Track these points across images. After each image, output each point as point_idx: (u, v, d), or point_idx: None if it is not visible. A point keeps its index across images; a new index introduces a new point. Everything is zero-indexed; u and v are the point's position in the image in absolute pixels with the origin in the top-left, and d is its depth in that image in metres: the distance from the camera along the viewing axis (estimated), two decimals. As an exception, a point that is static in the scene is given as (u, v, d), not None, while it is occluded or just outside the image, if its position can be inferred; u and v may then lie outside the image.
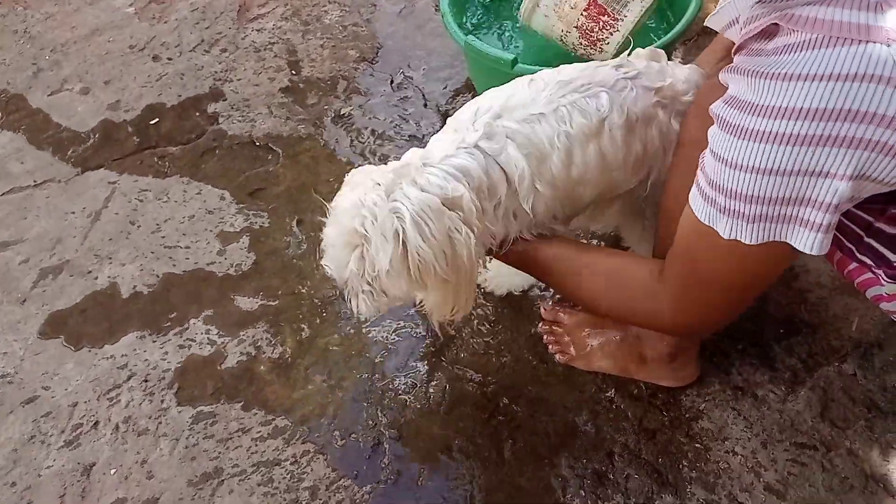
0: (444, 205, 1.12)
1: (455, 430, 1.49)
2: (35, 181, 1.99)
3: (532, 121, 1.18)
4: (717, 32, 1.21)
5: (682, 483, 1.40)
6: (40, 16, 2.46)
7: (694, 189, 0.97)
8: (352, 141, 2.02)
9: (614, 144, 1.20)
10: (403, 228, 1.09)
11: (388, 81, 2.18)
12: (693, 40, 2.21)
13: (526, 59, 1.77)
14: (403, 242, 1.10)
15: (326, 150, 2.02)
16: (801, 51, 0.81)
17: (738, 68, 0.91)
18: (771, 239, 0.89)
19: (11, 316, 1.71)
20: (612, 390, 1.53)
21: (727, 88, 0.94)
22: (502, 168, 1.17)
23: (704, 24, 1.15)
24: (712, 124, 1.08)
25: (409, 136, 2.02)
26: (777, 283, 1.59)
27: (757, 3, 0.91)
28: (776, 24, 0.86)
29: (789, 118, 0.80)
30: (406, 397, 1.54)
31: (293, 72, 2.23)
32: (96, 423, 1.53)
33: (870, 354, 1.52)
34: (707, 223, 0.94)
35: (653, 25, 2.03)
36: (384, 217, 1.09)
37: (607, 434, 1.48)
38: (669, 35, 1.76)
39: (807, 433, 1.44)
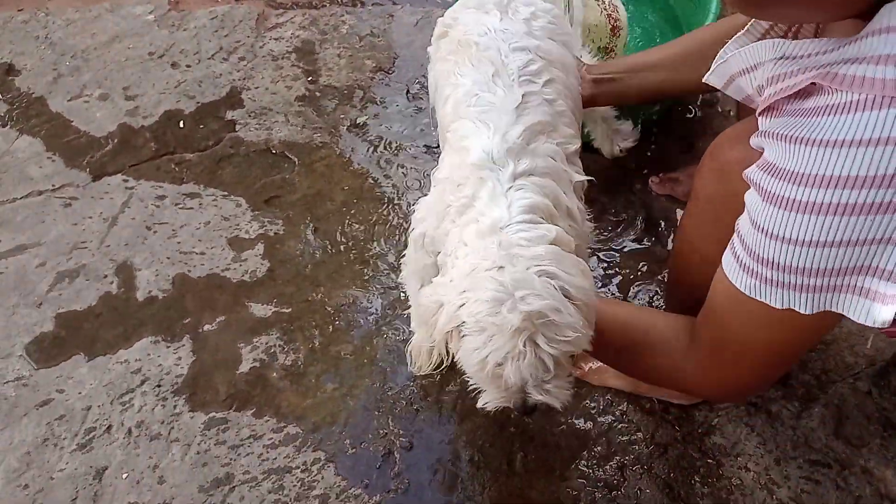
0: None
1: (466, 441, 1.49)
2: (53, 185, 2.01)
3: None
4: None
5: (694, 498, 1.39)
6: (61, 22, 2.49)
7: (730, 257, 0.91)
8: (367, 150, 2.03)
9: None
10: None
11: (405, 91, 2.19)
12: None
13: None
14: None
15: (342, 158, 2.03)
16: (846, 113, 0.74)
17: (773, 133, 0.84)
18: (827, 309, 0.82)
19: (28, 319, 1.72)
20: (625, 404, 1.52)
21: (746, 142, 0.91)
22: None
23: (703, 80, 1.04)
24: (729, 180, 1.05)
25: (425, 146, 2.02)
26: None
27: (782, 59, 0.84)
28: (814, 83, 0.79)
29: (842, 187, 0.73)
30: (417, 407, 1.54)
31: (310, 80, 2.25)
32: (109, 427, 1.54)
33: (885, 372, 1.51)
34: (751, 295, 0.87)
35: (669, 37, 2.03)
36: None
37: (619, 448, 1.47)
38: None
39: (821, 450, 1.43)
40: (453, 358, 1.14)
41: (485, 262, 0.99)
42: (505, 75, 1.18)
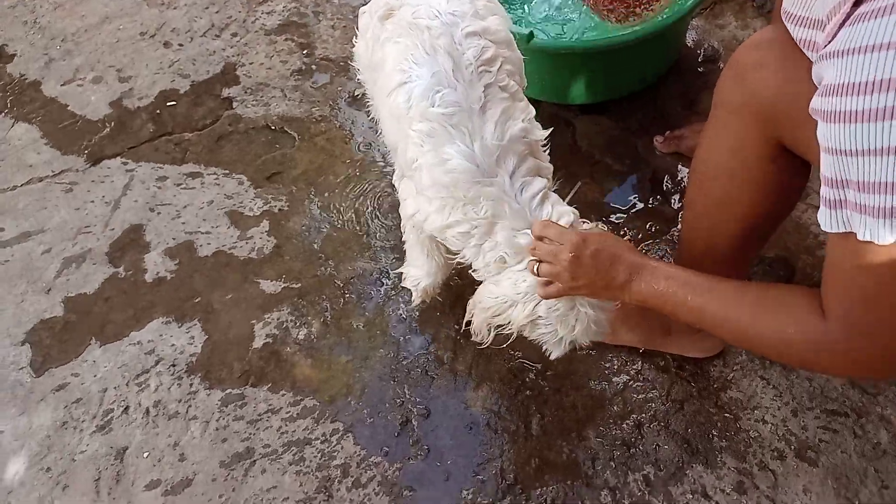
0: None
1: (482, 406, 1.50)
2: (53, 171, 1.99)
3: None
4: None
5: (713, 452, 1.40)
6: (49, 6, 2.45)
7: (822, 208, 0.85)
8: (367, 122, 2.01)
9: None
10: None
11: (401, 61, 2.16)
12: (710, 8, 2.18)
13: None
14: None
15: (342, 131, 2.01)
16: (882, 16, 0.74)
17: (828, 52, 0.82)
18: None
19: (37, 305, 1.72)
20: (640, 363, 1.53)
21: (763, 47, 0.90)
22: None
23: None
24: (745, 82, 1.06)
25: (425, 114, 2.00)
26: (805, 250, 1.58)
27: None
28: None
29: (877, 91, 0.73)
30: (432, 375, 1.55)
31: (305, 54, 2.22)
32: (127, 408, 1.54)
33: (898, 320, 1.51)
34: (840, 230, 0.82)
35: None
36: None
37: (635, 406, 1.48)
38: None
39: (837, 400, 1.44)
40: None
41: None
42: (463, 68, 1.20)
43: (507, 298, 1.21)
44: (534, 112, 1.29)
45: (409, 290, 1.58)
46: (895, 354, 0.86)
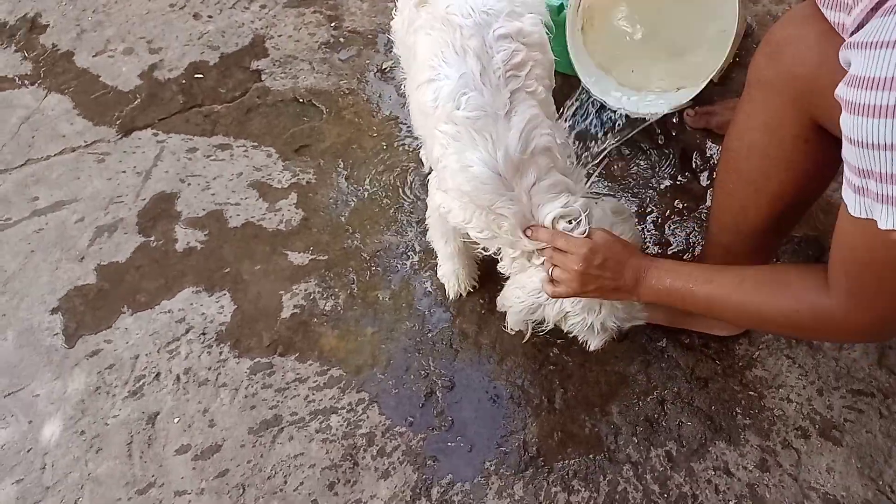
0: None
1: (506, 380, 1.51)
2: (85, 142, 2.02)
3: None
4: None
5: (736, 430, 1.41)
6: (80, -23, 2.47)
7: (844, 184, 0.88)
8: (395, 95, 2.01)
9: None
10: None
11: (429, 34, 2.15)
12: None
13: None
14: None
15: (370, 104, 2.01)
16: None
17: (856, 43, 0.82)
18: None
19: (71, 273, 1.76)
20: (664, 340, 1.53)
21: (798, 23, 0.90)
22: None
23: None
24: (780, 59, 1.04)
25: (452, 88, 2.00)
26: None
27: None
28: None
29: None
30: (457, 348, 1.56)
31: (333, 26, 2.22)
32: (158, 375, 1.58)
33: (929, 301, 1.50)
34: (861, 216, 0.84)
35: None
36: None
37: (659, 382, 1.48)
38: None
39: (863, 380, 1.43)
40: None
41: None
42: (491, 72, 1.19)
43: (532, 300, 1.28)
44: (563, 125, 1.28)
45: (435, 267, 1.59)
46: (889, 324, 0.97)
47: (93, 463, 1.47)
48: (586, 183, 1.28)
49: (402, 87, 1.60)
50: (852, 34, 0.86)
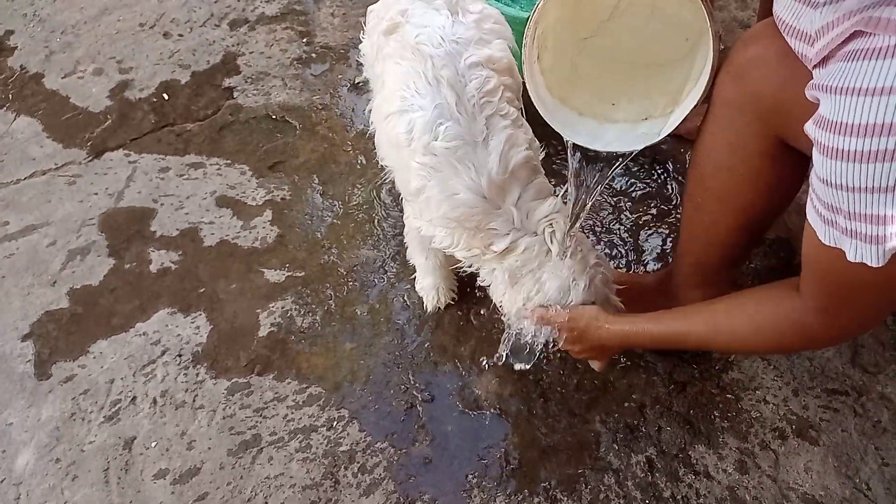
0: None
1: (487, 391, 1.51)
2: (56, 164, 2.00)
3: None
4: None
5: (715, 433, 1.42)
6: (48, -2, 2.45)
7: (810, 207, 0.92)
8: (368, 109, 2.01)
9: None
10: None
11: (401, 47, 2.16)
12: None
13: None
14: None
15: (343, 119, 2.01)
16: (885, 58, 0.74)
17: (822, 85, 0.84)
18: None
19: (43, 298, 1.73)
20: (641, 345, 1.53)
21: (759, 42, 0.91)
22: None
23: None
24: (743, 81, 1.06)
25: (425, 101, 2.00)
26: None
27: (827, 4, 0.84)
28: (859, 30, 0.79)
29: (879, 134, 0.75)
30: (436, 360, 1.56)
31: (305, 42, 2.22)
32: (134, 399, 1.56)
33: (899, 299, 1.52)
34: (830, 244, 0.88)
35: None
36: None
37: (638, 389, 1.49)
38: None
39: (837, 379, 1.45)
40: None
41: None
42: (466, 101, 1.20)
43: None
44: (531, 133, 1.30)
45: (412, 280, 1.59)
46: (849, 334, 1.11)
47: (69, 491, 1.45)
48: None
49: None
50: (815, 66, 0.89)
